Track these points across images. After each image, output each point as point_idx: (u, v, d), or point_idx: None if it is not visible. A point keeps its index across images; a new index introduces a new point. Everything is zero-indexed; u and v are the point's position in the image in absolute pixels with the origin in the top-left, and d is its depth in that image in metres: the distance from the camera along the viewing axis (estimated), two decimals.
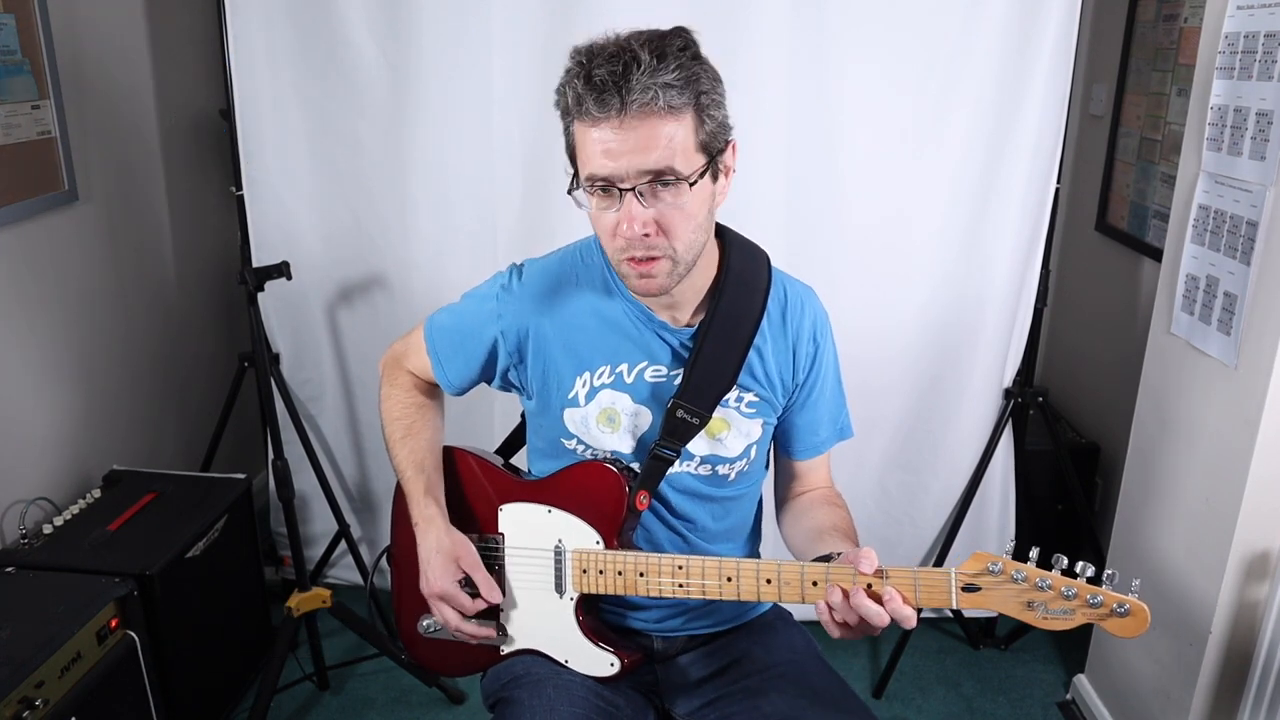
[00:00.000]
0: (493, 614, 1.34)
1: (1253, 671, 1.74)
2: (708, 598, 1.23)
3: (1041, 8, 2.08)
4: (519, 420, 1.52)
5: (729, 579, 1.20)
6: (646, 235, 1.12)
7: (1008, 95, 2.14)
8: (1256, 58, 1.64)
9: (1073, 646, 2.49)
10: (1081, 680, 2.30)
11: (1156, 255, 2.34)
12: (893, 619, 1.08)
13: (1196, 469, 1.84)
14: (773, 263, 1.33)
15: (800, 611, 1.53)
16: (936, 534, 2.51)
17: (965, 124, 2.16)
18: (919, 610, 1.10)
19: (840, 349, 1.43)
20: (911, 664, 2.48)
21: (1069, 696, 2.35)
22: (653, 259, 1.15)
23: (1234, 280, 1.70)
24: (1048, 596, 1.07)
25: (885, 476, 2.47)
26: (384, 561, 1.49)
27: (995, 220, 2.23)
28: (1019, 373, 2.37)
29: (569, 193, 1.17)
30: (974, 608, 1.09)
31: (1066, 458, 2.46)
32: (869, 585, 1.10)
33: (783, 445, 1.41)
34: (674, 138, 1.09)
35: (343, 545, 2.58)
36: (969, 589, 1.09)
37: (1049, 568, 1.07)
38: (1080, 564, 1.07)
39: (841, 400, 1.42)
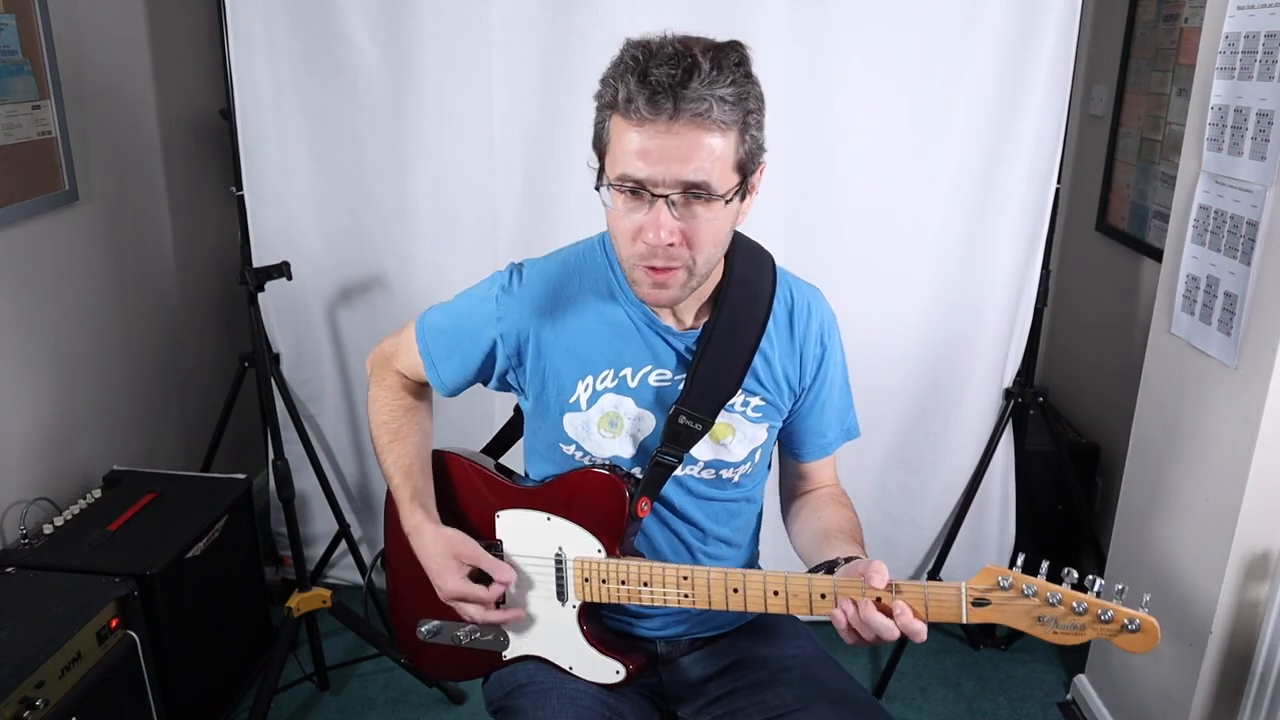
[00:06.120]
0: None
1: (1253, 671, 1.73)
2: (713, 609, 1.20)
3: (1042, 8, 2.08)
4: (510, 417, 1.49)
5: (735, 590, 1.18)
6: (671, 245, 1.10)
7: (1008, 95, 2.14)
8: (1257, 58, 1.64)
9: (1073, 647, 2.49)
10: (1082, 680, 2.30)
11: (1156, 255, 2.34)
12: (902, 633, 1.07)
13: (1197, 469, 1.84)
14: (777, 264, 1.31)
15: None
16: (936, 534, 2.51)
17: (965, 124, 2.16)
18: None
19: None
20: (911, 664, 2.47)
21: (1069, 697, 2.35)
22: (670, 269, 1.12)
23: (1234, 280, 1.70)
24: (1058, 612, 1.05)
25: (885, 476, 2.46)
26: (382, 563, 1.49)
27: (995, 220, 2.23)
28: (1019, 373, 2.37)
29: (595, 188, 1.14)
30: (984, 621, 1.08)
31: (1066, 458, 2.46)
32: (878, 599, 1.08)
33: (790, 447, 1.40)
34: (715, 152, 1.06)
35: (343, 545, 2.58)
36: (979, 603, 1.08)
37: (1059, 581, 1.06)
38: (1090, 577, 1.06)
39: (849, 401, 1.40)
